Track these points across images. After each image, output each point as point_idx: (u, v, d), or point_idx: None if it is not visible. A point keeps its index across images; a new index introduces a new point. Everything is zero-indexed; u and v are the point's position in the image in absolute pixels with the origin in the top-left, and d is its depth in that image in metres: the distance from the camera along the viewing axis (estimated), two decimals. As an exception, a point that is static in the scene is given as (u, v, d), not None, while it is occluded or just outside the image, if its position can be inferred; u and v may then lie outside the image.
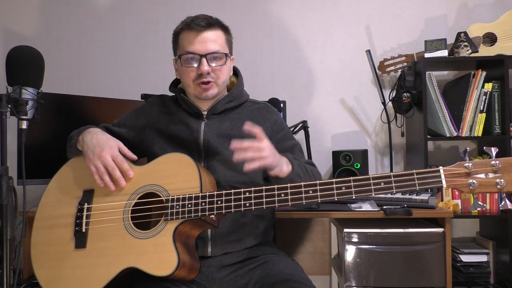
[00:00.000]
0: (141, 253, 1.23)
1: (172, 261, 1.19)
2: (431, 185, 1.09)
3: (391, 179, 1.10)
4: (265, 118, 1.48)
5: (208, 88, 1.39)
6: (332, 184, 1.13)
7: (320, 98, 2.57)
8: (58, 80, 2.59)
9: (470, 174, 1.06)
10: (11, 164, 1.49)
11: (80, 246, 1.31)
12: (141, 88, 2.52)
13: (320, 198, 1.13)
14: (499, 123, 2.19)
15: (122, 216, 1.29)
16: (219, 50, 1.38)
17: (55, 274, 1.31)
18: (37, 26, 2.68)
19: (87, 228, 1.32)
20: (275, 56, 2.60)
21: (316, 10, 2.59)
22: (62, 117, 2.17)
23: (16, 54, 1.45)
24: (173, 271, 1.18)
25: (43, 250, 1.35)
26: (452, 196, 2.22)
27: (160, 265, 1.20)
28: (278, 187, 1.17)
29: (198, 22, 1.37)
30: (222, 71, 1.41)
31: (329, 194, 1.13)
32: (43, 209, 1.44)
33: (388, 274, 1.79)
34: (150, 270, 1.20)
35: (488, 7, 2.51)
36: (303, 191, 1.15)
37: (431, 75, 2.24)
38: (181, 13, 2.60)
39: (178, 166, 1.29)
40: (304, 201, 1.15)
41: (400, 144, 2.53)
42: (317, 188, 1.14)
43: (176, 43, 1.45)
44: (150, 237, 1.24)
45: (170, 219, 1.23)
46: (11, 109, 1.42)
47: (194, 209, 1.21)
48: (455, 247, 2.22)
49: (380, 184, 1.10)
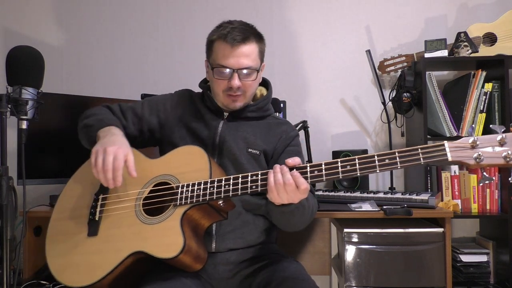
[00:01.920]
0: (149, 237, 1.24)
1: (178, 243, 1.19)
2: (436, 158, 1.06)
3: (396, 155, 1.09)
4: (282, 131, 1.51)
5: (236, 100, 1.43)
6: (337, 163, 1.13)
7: (320, 98, 2.57)
8: (58, 80, 2.59)
9: (475, 147, 1.04)
10: (11, 164, 1.50)
11: (92, 234, 1.33)
12: (141, 88, 2.52)
13: (325, 177, 1.14)
14: (499, 123, 2.19)
15: (134, 204, 1.32)
16: (251, 66, 1.39)
17: (66, 261, 1.32)
18: (37, 26, 2.67)
19: (100, 216, 1.35)
20: (275, 56, 2.60)
21: (316, 10, 2.59)
22: (62, 117, 2.17)
23: (16, 54, 1.45)
24: (178, 253, 1.18)
25: (57, 239, 1.37)
26: (452, 196, 2.22)
27: (165, 247, 1.20)
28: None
29: (234, 35, 1.36)
30: (252, 85, 1.43)
31: (334, 173, 1.13)
32: (62, 201, 1.46)
33: (388, 274, 1.79)
34: (155, 253, 1.21)
35: (488, 7, 2.51)
36: (309, 171, 1.15)
37: (431, 75, 2.24)
38: (181, 13, 2.63)
39: (190, 157, 1.32)
40: (309, 180, 1.15)
41: (400, 144, 2.53)
42: (322, 167, 1.15)
43: (210, 50, 1.45)
44: (158, 222, 1.26)
45: (179, 204, 1.25)
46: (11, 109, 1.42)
47: (202, 193, 1.23)
48: (455, 247, 2.22)
49: (385, 161, 1.10)
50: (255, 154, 1.44)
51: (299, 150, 1.52)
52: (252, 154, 1.43)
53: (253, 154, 1.44)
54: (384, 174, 2.52)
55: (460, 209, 2.19)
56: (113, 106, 1.53)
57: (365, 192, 2.04)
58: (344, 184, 2.25)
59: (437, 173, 2.25)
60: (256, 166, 1.43)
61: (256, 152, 1.44)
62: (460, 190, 2.23)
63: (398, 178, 2.52)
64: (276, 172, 1.16)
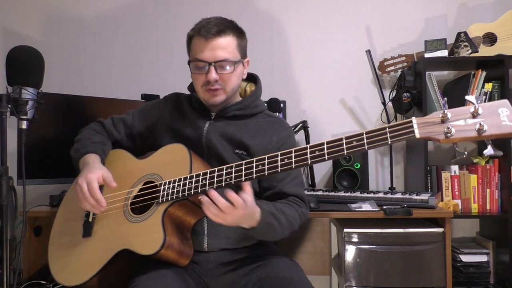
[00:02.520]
0: (133, 235, 1.29)
1: (158, 239, 1.22)
2: (404, 136, 0.99)
3: (363, 135, 1.05)
4: (273, 131, 1.46)
5: (215, 94, 1.41)
6: (306, 149, 1.12)
7: (320, 98, 2.57)
8: (58, 80, 2.59)
9: (446, 121, 0.96)
10: (11, 164, 1.50)
11: (86, 235, 1.39)
12: (141, 88, 2.52)
13: (294, 164, 1.12)
14: (499, 123, 2.19)
15: (123, 204, 1.37)
16: (227, 58, 1.37)
17: (63, 262, 1.38)
18: (37, 26, 2.68)
19: (93, 218, 1.40)
20: (275, 56, 2.60)
21: (316, 10, 2.59)
22: (61, 117, 2.16)
23: (16, 54, 1.45)
24: (158, 249, 1.21)
25: (58, 242, 1.44)
26: (452, 196, 2.22)
27: (147, 244, 1.25)
28: (256, 159, 1.17)
29: (209, 28, 1.36)
30: (230, 78, 1.40)
31: (303, 159, 1.11)
32: (63, 207, 1.54)
33: (388, 274, 1.79)
34: (138, 249, 1.25)
35: (488, 7, 2.51)
36: (279, 159, 1.14)
37: (431, 75, 2.24)
38: (181, 13, 2.63)
39: (172, 154, 1.36)
40: (279, 168, 1.14)
41: (400, 144, 2.53)
42: (292, 155, 1.13)
43: (189, 47, 1.45)
44: (142, 220, 1.30)
45: (161, 202, 1.28)
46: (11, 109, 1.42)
47: (181, 189, 1.25)
48: (455, 247, 2.22)
49: (352, 143, 1.06)
50: (243, 155, 1.41)
51: None
52: (239, 154, 1.41)
53: (240, 154, 1.41)
54: (384, 174, 2.52)
55: (460, 209, 2.19)
56: (105, 121, 1.61)
57: (365, 192, 2.04)
58: (344, 184, 2.25)
59: (437, 173, 2.26)
60: None
61: (244, 153, 1.42)
62: (460, 190, 2.23)
63: (398, 178, 2.52)
64: (208, 206, 1.17)
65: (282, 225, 1.30)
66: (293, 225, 1.35)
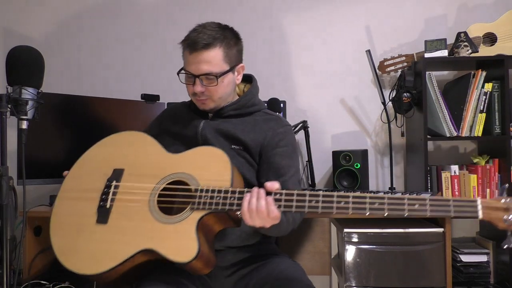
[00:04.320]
0: (162, 237, 1.21)
1: (192, 249, 1.17)
2: (466, 214, 1.05)
3: (427, 202, 1.08)
4: (269, 127, 1.45)
5: (204, 103, 1.44)
6: (365, 198, 1.10)
7: (320, 98, 2.57)
8: (58, 80, 2.59)
9: (507, 209, 1.05)
10: (11, 164, 1.50)
11: (101, 221, 1.29)
12: (141, 88, 2.53)
13: (352, 210, 1.10)
14: (499, 123, 2.19)
15: (149, 198, 1.29)
16: (211, 71, 1.37)
17: (70, 244, 1.29)
18: (37, 26, 2.67)
19: (111, 205, 1.31)
20: (275, 56, 2.60)
21: (316, 10, 2.59)
22: (62, 117, 2.17)
23: (16, 54, 1.45)
24: (191, 259, 1.16)
25: (63, 220, 1.34)
26: (452, 196, 2.22)
27: (179, 251, 1.18)
28: (310, 194, 1.14)
29: (197, 40, 1.36)
30: (216, 90, 1.40)
31: (361, 208, 1.10)
32: (70, 180, 1.43)
33: (388, 274, 1.79)
34: (168, 255, 1.18)
35: (488, 7, 2.51)
36: (335, 201, 1.12)
37: (431, 75, 2.24)
38: (181, 13, 2.62)
39: (211, 159, 1.29)
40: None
41: (400, 144, 2.53)
42: (349, 200, 1.11)
43: (182, 56, 1.46)
44: (173, 222, 1.22)
45: (196, 209, 1.21)
46: (11, 109, 1.42)
47: (222, 202, 1.20)
48: (455, 247, 2.22)
49: (414, 206, 1.08)
50: (239, 150, 1.42)
51: (291, 149, 1.47)
52: (236, 150, 1.42)
53: (236, 150, 1.42)
54: (384, 174, 2.52)
55: (460, 209, 2.19)
56: None
57: (365, 192, 2.04)
58: (344, 184, 2.25)
59: (437, 173, 2.26)
60: (243, 162, 1.41)
61: (240, 148, 1.42)
62: (460, 190, 2.23)
63: (398, 178, 2.52)
64: (252, 196, 1.16)
65: (288, 222, 1.32)
66: (295, 222, 1.37)
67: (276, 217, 1.15)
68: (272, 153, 1.41)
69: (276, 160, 1.40)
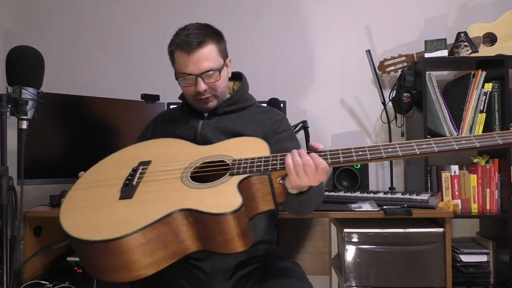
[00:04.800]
0: (199, 198, 1.12)
1: (235, 201, 1.08)
2: None
3: (472, 137, 1.08)
4: (265, 117, 1.50)
5: (208, 101, 1.45)
6: (412, 143, 1.12)
7: (320, 98, 2.57)
8: (58, 80, 2.59)
9: None
10: (11, 164, 1.50)
11: (125, 197, 1.18)
12: (141, 88, 2.52)
13: (401, 152, 1.13)
14: (499, 123, 2.19)
15: (181, 175, 1.21)
16: (212, 67, 1.39)
17: (85, 221, 1.13)
18: (37, 26, 2.68)
19: (138, 182, 1.22)
20: (275, 56, 2.60)
21: (316, 10, 2.59)
22: (62, 117, 2.17)
23: (16, 54, 1.45)
24: (235, 209, 1.05)
25: (77, 205, 1.20)
26: (452, 196, 2.22)
27: (220, 205, 1.08)
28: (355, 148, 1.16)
29: (189, 41, 1.36)
30: (219, 84, 1.43)
31: (410, 149, 1.12)
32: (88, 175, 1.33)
33: (388, 274, 1.79)
34: (208, 209, 1.07)
35: (488, 7, 2.51)
36: (382, 149, 1.16)
37: (431, 75, 2.24)
38: (181, 13, 2.62)
39: (247, 142, 1.29)
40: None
41: (400, 144, 2.53)
42: (396, 145, 1.14)
43: (172, 60, 1.46)
44: (210, 186, 1.15)
45: (236, 173, 1.15)
46: (11, 109, 1.42)
47: (264, 164, 1.15)
48: (455, 247, 2.22)
49: (461, 141, 1.08)
50: None
51: (290, 133, 1.51)
52: None
53: None
54: (384, 174, 2.52)
55: (460, 209, 2.19)
56: None
57: (365, 192, 2.04)
58: (344, 184, 2.25)
59: (437, 173, 2.25)
60: None
61: None
62: (460, 190, 2.23)
63: (398, 178, 2.52)
64: (294, 154, 1.13)
65: (323, 187, 1.35)
66: (324, 190, 1.40)
67: (325, 169, 1.11)
68: (273, 140, 1.44)
69: (279, 145, 1.43)
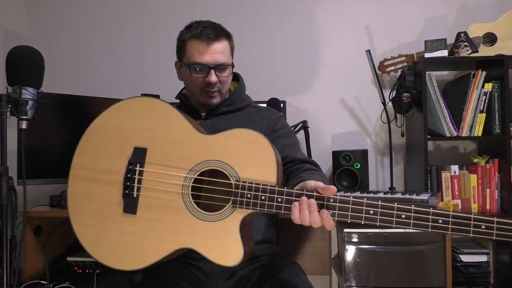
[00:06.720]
0: (202, 235, 1.14)
1: (238, 252, 1.12)
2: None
3: (494, 224, 0.98)
4: (262, 116, 1.51)
5: (213, 96, 1.46)
6: (429, 214, 1.05)
7: (320, 98, 2.57)
8: (58, 80, 2.58)
9: None
10: (11, 164, 1.50)
11: (129, 211, 1.20)
12: (141, 88, 2.52)
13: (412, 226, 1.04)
14: (499, 123, 2.19)
15: (181, 192, 1.18)
16: (226, 61, 1.43)
17: (97, 235, 1.20)
18: (37, 26, 2.68)
19: (138, 194, 1.21)
20: (275, 56, 2.60)
21: (316, 10, 2.59)
22: (62, 117, 2.17)
23: (16, 54, 1.45)
24: (237, 262, 1.12)
25: (84, 206, 1.23)
26: (452, 196, 2.22)
27: (224, 254, 1.13)
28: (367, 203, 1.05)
29: (207, 33, 1.39)
30: (227, 81, 1.47)
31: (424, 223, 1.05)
32: (83, 156, 1.27)
33: (388, 274, 1.79)
34: (212, 257, 1.13)
35: (488, 7, 2.51)
36: (395, 214, 1.04)
37: (431, 75, 2.24)
38: (181, 13, 2.62)
39: (252, 147, 1.16)
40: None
41: (400, 144, 2.53)
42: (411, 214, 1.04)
43: (183, 50, 1.45)
44: (214, 220, 1.14)
45: (239, 207, 1.13)
46: (11, 109, 1.42)
47: (268, 203, 1.10)
48: (455, 247, 2.22)
49: (481, 227, 1.00)
50: None
51: (287, 129, 1.52)
52: None
53: None
54: (384, 174, 2.52)
55: (460, 209, 2.19)
56: None
57: (365, 192, 2.04)
58: (344, 184, 2.25)
59: (437, 173, 2.26)
60: None
61: None
62: (460, 190, 2.23)
63: (398, 178, 2.52)
64: (303, 208, 1.07)
65: None
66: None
67: (332, 226, 1.08)
68: (272, 137, 1.44)
69: (278, 142, 1.43)
